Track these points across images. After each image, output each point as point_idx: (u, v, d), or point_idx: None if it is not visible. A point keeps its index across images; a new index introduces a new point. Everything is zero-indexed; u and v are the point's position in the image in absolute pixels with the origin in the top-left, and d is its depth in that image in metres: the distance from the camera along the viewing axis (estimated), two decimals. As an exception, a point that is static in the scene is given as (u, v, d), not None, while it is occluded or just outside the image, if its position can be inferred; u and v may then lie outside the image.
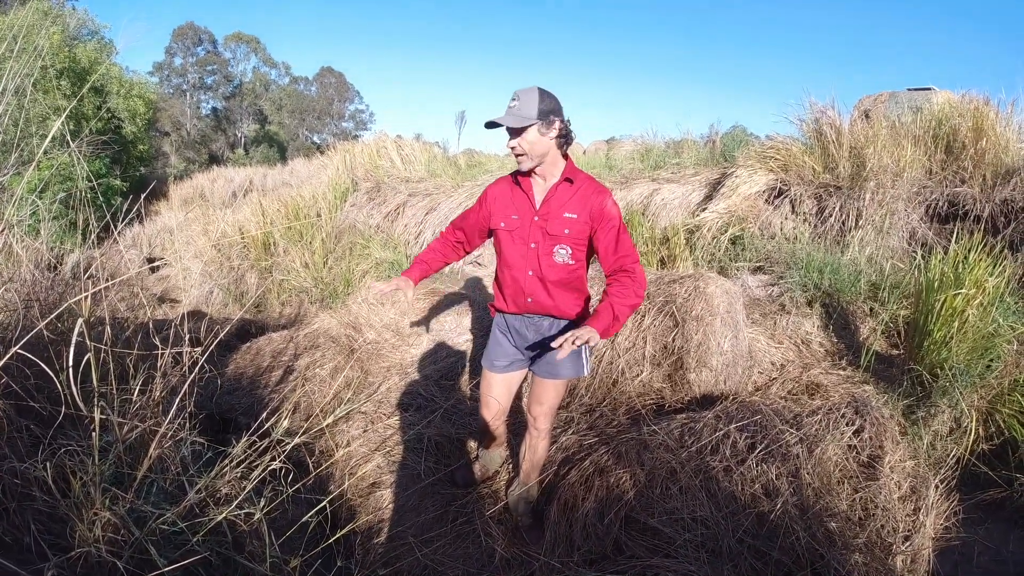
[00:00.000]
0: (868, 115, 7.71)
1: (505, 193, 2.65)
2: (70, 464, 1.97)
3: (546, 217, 2.54)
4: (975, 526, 3.07)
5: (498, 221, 2.64)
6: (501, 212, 2.64)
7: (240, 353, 5.05)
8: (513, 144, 2.45)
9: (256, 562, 2.12)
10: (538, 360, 2.77)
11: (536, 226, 2.56)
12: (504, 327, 2.81)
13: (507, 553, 2.79)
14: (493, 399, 2.89)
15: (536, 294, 2.62)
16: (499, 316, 2.83)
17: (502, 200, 2.65)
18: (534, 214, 2.56)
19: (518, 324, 2.74)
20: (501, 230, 2.64)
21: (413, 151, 10.85)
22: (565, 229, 2.53)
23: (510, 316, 2.76)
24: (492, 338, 2.87)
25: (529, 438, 2.90)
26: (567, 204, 2.53)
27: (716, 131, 9.92)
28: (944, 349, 3.87)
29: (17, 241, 3.14)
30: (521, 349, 2.80)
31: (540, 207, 2.56)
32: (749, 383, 3.85)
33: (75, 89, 17.76)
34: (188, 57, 50.43)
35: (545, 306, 2.65)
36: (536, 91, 2.41)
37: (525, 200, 2.59)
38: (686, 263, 5.98)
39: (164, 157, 41.53)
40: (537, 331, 2.72)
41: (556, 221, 2.53)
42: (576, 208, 2.52)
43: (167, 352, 2.38)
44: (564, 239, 2.54)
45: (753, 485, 2.65)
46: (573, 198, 2.53)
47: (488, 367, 2.88)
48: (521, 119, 2.39)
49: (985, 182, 5.70)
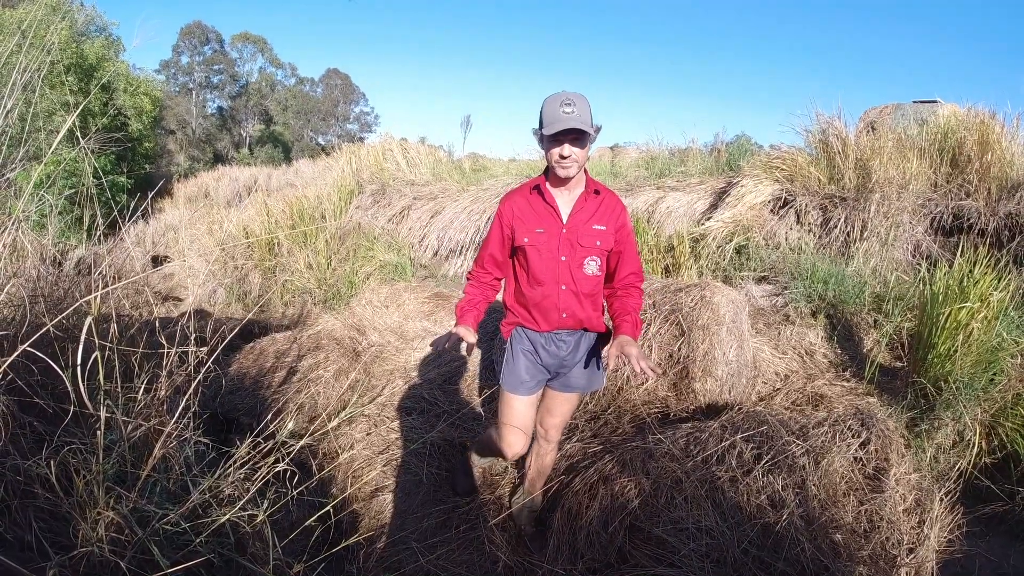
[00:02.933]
0: (874, 127, 7.70)
1: (524, 207, 2.51)
2: (73, 462, 1.97)
3: (575, 229, 2.48)
4: (977, 539, 3.06)
5: (522, 237, 2.49)
6: (525, 228, 2.49)
7: (243, 353, 5.05)
8: (570, 151, 2.34)
9: (259, 564, 2.11)
10: (564, 375, 2.69)
11: (565, 239, 2.48)
12: (529, 347, 2.63)
13: (510, 561, 2.78)
14: (520, 429, 2.68)
15: (571, 308, 2.53)
16: (521, 336, 2.65)
17: (523, 215, 2.50)
18: (561, 227, 2.48)
19: (545, 342, 2.62)
20: (528, 246, 2.49)
21: (418, 154, 10.86)
22: (597, 241, 2.49)
23: (536, 334, 2.61)
24: (515, 360, 2.65)
25: (538, 447, 2.85)
26: (595, 216, 2.49)
27: (721, 140, 9.92)
28: (948, 362, 3.86)
29: (24, 236, 3.13)
30: (547, 367, 2.66)
31: (568, 220, 2.48)
32: (753, 393, 3.84)
33: (82, 85, 17.83)
34: (195, 56, 50.55)
35: (580, 319, 2.56)
36: (585, 98, 2.34)
37: (550, 213, 2.48)
38: (691, 272, 5.97)
39: (169, 155, 41.63)
40: (565, 347, 2.62)
41: (586, 233, 2.48)
42: (604, 220, 2.49)
43: (173, 351, 2.38)
44: (595, 251, 2.50)
45: (759, 496, 2.63)
46: (599, 210, 2.50)
47: (514, 391, 2.66)
48: (588, 126, 2.30)
49: (990, 196, 5.70)
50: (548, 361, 2.63)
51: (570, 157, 2.34)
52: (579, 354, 2.65)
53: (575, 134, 2.31)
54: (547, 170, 2.50)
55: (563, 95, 2.31)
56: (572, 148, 2.33)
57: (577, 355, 2.65)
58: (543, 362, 2.63)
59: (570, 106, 2.27)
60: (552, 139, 2.33)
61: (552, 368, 2.66)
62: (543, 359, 2.63)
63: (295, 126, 54.32)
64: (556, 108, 2.29)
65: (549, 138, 2.33)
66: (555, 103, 2.30)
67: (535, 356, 2.63)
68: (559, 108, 2.28)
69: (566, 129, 2.27)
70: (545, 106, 2.34)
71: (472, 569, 2.76)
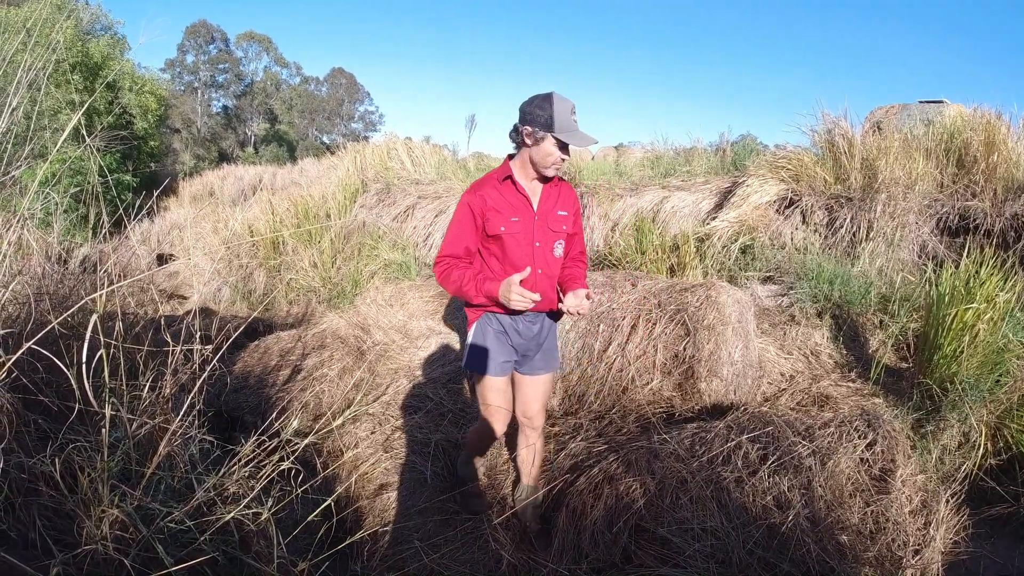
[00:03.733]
0: (880, 127, 7.68)
1: (496, 197, 2.61)
2: (78, 460, 1.97)
3: (544, 216, 2.66)
4: (982, 541, 3.05)
5: (498, 226, 2.59)
6: (498, 218, 2.59)
7: (248, 351, 5.06)
8: (566, 158, 2.54)
9: (263, 563, 2.10)
10: (530, 358, 2.82)
11: (538, 225, 2.65)
12: (500, 328, 2.73)
13: (514, 559, 2.77)
14: (502, 407, 2.81)
15: (546, 291, 2.65)
16: (491, 320, 2.73)
17: (497, 205, 2.60)
18: (534, 215, 2.64)
19: (515, 323, 2.72)
20: (505, 234, 2.59)
21: (423, 153, 10.84)
22: (563, 225, 2.72)
23: (506, 318, 2.70)
24: (487, 343, 2.74)
25: (525, 439, 2.91)
26: (558, 203, 2.71)
27: (726, 140, 9.85)
28: (954, 363, 3.84)
29: (29, 234, 3.14)
30: (516, 348, 2.77)
31: (538, 207, 2.65)
32: (758, 393, 3.83)
33: (87, 84, 17.88)
34: (200, 55, 50.60)
35: (552, 301, 2.72)
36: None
37: (523, 202, 2.63)
38: (696, 272, 5.94)
39: (174, 154, 41.71)
40: (534, 327, 2.77)
41: (554, 219, 2.69)
42: (565, 206, 2.73)
43: (178, 349, 2.38)
44: (561, 234, 2.72)
45: (764, 497, 2.62)
46: (560, 197, 2.73)
47: (492, 372, 2.75)
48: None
49: (996, 197, 5.66)
50: (517, 342, 2.75)
51: (563, 162, 2.56)
52: (544, 333, 2.81)
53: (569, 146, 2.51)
54: (511, 158, 2.67)
55: (569, 102, 2.48)
56: (566, 154, 2.54)
57: (543, 335, 2.80)
58: (512, 343, 2.75)
59: (575, 115, 2.47)
60: (559, 145, 2.49)
61: (520, 349, 2.78)
62: (513, 340, 2.75)
63: (300, 125, 54.39)
64: (567, 115, 2.45)
65: (558, 143, 2.48)
66: (566, 109, 2.46)
67: (506, 337, 2.74)
68: (570, 116, 2.46)
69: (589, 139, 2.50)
70: (555, 108, 2.44)
71: (475, 568, 2.75)
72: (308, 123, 54.71)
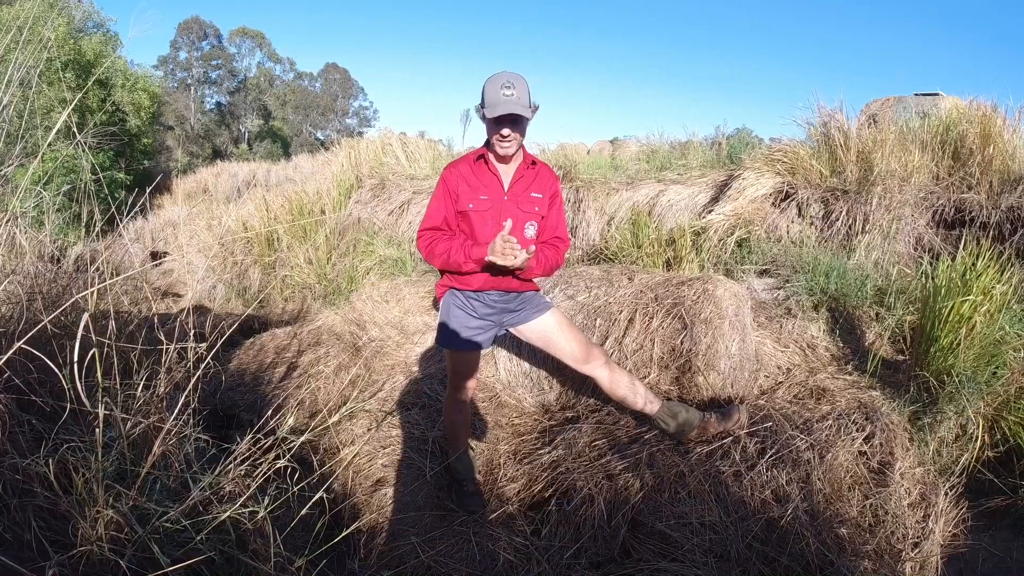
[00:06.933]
0: (875, 119, 7.66)
1: (468, 174, 2.71)
2: (72, 460, 1.95)
3: (516, 197, 2.71)
4: (980, 533, 3.05)
5: (466, 203, 2.68)
6: (468, 194, 2.69)
7: (243, 349, 5.04)
8: (508, 132, 2.54)
9: (260, 561, 2.09)
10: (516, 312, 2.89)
11: (507, 205, 2.70)
12: (462, 303, 2.80)
13: (511, 556, 2.76)
14: (469, 379, 2.96)
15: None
16: (455, 295, 2.81)
17: (468, 181, 2.70)
18: (503, 194, 2.70)
19: (483, 297, 2.78)
20: (472, 211, 2.69)
21: (418, 148, 10.80)
22: (535, 207, 2.75)
23: (471, 293, 2.77)
24: (450, 317, 2.82)
25: (599, 380, 2.99)
26: (532, 185, 2.75)
27: (722, 133, 9.84)
28: (951, 356, 3.84)
29: (21, 233, 3.11)
30: (486, 317, 2.82)
31: (509, 188, 2.71)
32: (755, 387, 3.82)
33: (80, 82, 17.79)
34: (193, 51, 50.44)
35: (520, 282, 2.80)
36: (524, 79, 2.53)
37: (494, 181, 2.70)
38: (692, 265, 5.93)
39: (168, 151, 41.60)
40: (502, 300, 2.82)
41: (526, 200, 2.73)
42: (540, 189, 2.76)
43: (173, 347, 2.36)
44: (533, 216, 2.76)
45: (763, 490, 2.62)
46: (536, 180, 2.76)
47: (456, 345, 2.84)
48: (527, 109, 2.52)
49: (992, 189, 5.66)
50: (484, 312, 2.80)
51: (508, 138, 2.56)
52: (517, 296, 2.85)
53: (513, 117, 2.51)
54: (488, 143, 2.69)
55: (503, 77, 2.50)
56: (509, 128, 2.54)
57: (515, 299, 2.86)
58: (478, 313, 2.80)
59: (510, 89, 2.47)
60: (493, 121, 2.53)
61: (493, 317, 2.84)
62: (479, 311, 2.81)
63: (294, 121, 54.29)
64: (497, 91, 2.48)
65: (490, 120, 2.53)
66: (496, 85, 2.49)
67: (470, 309, 2.80)
68: (500, 91, 2.47)
69: (512, 115, 2.49)
70: (487, 87, 2.51)
71: (473, 565, 2.75)
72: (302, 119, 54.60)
